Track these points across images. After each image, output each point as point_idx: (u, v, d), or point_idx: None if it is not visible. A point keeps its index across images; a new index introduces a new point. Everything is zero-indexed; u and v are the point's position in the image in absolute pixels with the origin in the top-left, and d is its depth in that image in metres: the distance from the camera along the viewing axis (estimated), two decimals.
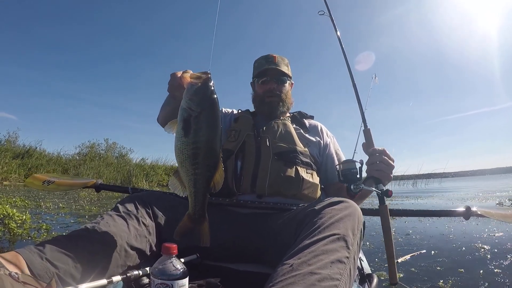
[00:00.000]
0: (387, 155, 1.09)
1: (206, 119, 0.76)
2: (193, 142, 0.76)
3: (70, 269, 0.78)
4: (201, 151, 0.76)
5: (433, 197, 7.78)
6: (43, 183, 1.69)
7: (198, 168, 0.77)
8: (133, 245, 0.94)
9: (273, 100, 1.38)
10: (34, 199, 5.42)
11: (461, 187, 12.32)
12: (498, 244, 2.49)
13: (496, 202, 5.20)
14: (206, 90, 0.77)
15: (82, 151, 15.11)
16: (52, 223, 3.26)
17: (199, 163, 0.77)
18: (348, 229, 0.80)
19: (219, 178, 0.81)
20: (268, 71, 1.40)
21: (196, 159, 0.76)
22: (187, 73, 0.83)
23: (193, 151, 0.76)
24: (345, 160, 1.17)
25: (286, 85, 1.43)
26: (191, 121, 0.75)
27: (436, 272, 1.87)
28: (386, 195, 1.08)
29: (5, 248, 2.24)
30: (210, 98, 0.77)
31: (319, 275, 0.67)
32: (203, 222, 0.84)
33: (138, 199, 1.07)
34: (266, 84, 1.40)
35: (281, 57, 1.44)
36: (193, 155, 0.76)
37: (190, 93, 0.77)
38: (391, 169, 1.08)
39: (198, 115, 0.75)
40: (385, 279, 1.75)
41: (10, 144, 12.71)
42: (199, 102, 0.76)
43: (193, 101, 0.76)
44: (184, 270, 0.76)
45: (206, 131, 0.76)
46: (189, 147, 0.76)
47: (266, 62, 1.42)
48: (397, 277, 1.03)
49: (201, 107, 0.76)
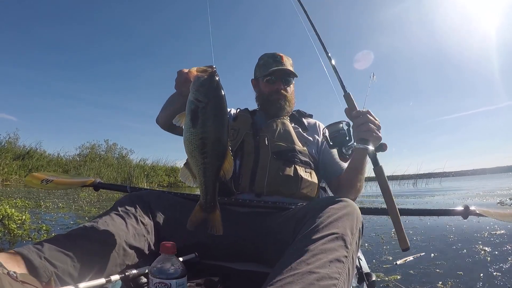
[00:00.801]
0: (372, 115, 1.06)
1: (213, 110, 0.78)
2: (201, 132, 0.78)
3: (69, 268, 0.78)
4: (209, 140, 0.78)
5: (433, 196, 7.77)
6: (41, 182, 1.69)
7: (206, 157, 0.79)
8: (132, 244, 0.94)
9: (280, 100, 1.37)
10: (34, 200, 5.42)
11: (462, 186, 12.30)
12: (498, 245, 2.48)
13: (496, 201, 5.19)
14: (212, 81, 0.79)
15: (82, 152, 15.16)
16: (51, 223, 3.26)
17: (208, 153, 0.78)
18: (346, 228, 0.80)
19: (228, 167, 0.82)
20: (276, 71, 1.38)
21: (204, 149, 0.78)
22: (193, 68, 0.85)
23: (201, 141, 0.78)
24: (330, 124, 1.14)
25: (292, 85, 1.43)
26: (198, 112, 0.77)
27: (435, 274, 1.86)
28: (381, 149, 1.03)
29: (5, 249, 2.24)
30: (216, 89, 0.79)
31: (318, 274, 0.67)
32: (214, 211, 0.85)
33: (136, 198, 1.07)
34: (273, 83, 1.39)
35: (287, 56, 1.43)
36: (201, 145, 0.78)
37: (197, 84, 0.79)
38: (379, 129, 1.06)
39: (205, 106, 0.77)
40: (382, 280, 1.75)
41: (10, 145, 12.73)
42: (206, 93, 0.78)
43: (199, 92, 0.78)
44: (183, 269, 0.76)
45: (213, 121, 0.78)
46: (197, 137, 0.78)
47: (274, 61, 1.40)
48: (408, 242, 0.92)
49: (207, 98, 0.78)
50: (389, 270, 1.95)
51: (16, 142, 13.14)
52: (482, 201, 5.99)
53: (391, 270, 1.95)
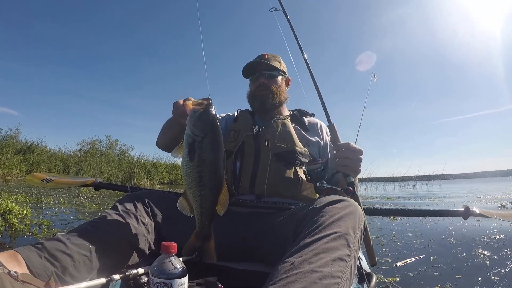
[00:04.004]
0: (352, 148, 1.08)
1: (209, 144, 0.81)
2: (197, 165, 0.81)
3: (69, 268, 0.78)
4: (206, 174, 0.81)
5: (434, 199, 7.74)
6: (42, 181, 1.70)
7: (203, 189, 0.82)
8: (132, 243, 0.94)
9: (264, 94, 1.38)
10: (35, 195, 5.44)
11: (462, 190, 12.26)
12: (498, 249, 2.47)
13: (497, 205, 5.17)
14: (208, 115, 0.82)
15: (83, 148, 15.18)
16: (52, 218, 3.27)
17: (205, 185, 0.82)
18: (349, 227, 0.80)
19: (224, 200, 0.85)
20: (257, 64, 1.42)
21: (201, 181, 0.81)
22: (189, 100, 0.87)
23: (198, 174, 0.81)
24: (309, 161, 1.20)
25: (277, 79, 1.42)
26: (195, 146, 0.80)
27: (434, 277, 1.86)
28: (346, 192, 1.06)
29: (6, 243, 2.25)
30: (212, 123, 0.82)
31: (320, 273, 0.67)
32: (209, 240, 0.88)
33: (137, 197, 1.08)
34: (257, 79, 1.41)
35: (273, 54, 1.46)
36: (198, 178, 0.82)
37: (194, 119, 0.81)
38: (358, 162, 1.08)
39: (201, 140, 0.80)
40: (381, 282, 1.75)
41: (12, 139, 12.75)
42: (202, 127, 0.81)
43: (196, 126, 0.81)
44: (183, 269, 0.76)
45: (209, 155, 0.81)
46: (194, 171, 0.81)
47: (256, 58, 1.45)
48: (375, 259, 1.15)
49: (204, 132, 0.81)
50: (388, 272, 1.95)
51: (17, 136, 13.19)
52: (482, 204, 5.97)
53: (390, 272, 1.95)
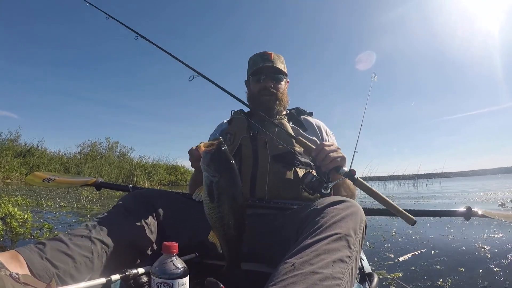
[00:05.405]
0: (327, 146, 1.10)
1: (225, 183, 0.85)
2: (218, 206, 0.85)
3: (70, 269, 0.78)
4: (226, 213, 0.86)
5: (435, 199, 7.74)
6: (43, 181, 1.70)
7: (228, 229, 0.87)
8: (133, 243, 0.94)
9: (270, 99, 1.34)
10: (36, 198, 5.43)
11: (462, 188, 12.24)
12: (498, 244, 2.48)
13: (498, 204, 5.16)
14: (220, 154, 0.85)
15: (83, 150, 15.18)
16: (53, 222, 3.26)
17: (228, 225, 0.87)
18: (350, 228, 0.80)
19: None
20: (264, 69, 1.36)
21: (223, 221, 0.86)
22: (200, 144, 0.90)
23: (219, 214, 0.86)
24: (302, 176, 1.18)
25: (282, 83, 1.40)
26: (213, 186, 0.84)
27: (436, 271, 1.87)
28: (350, 175, 1.09)
29: (7, 247, 2.25)
30: (226, 162, 0.85)
31: (321, 275, 0.67)
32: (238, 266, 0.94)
33: (139, 196, 1.07)
34: (262, 82, 1.36)
35: (277, 54, 1.41)
36: (220, 218, 0.86)
37: (207, 160, 0.85)
38: (339, 153, 1.10)
39: (218, 180, 0.84)
40: (384, 278, 1.75)
41: (11, 142, 12.75)
42: (216, 167, 0.84)
43: (210, 167, 0.84)
44: (185, 269, 0.76)
45: (228, 195, 0.85)
46: (215, 211, 0.86)
47: (261, 59, 1.38)
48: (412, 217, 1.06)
49: (219, 172, 0.84)
50: (391, 268, 1.95)
51: (17, 139, 13.18)
52: (483, 202, 5.97)
53: (393, 268, 1.95)
